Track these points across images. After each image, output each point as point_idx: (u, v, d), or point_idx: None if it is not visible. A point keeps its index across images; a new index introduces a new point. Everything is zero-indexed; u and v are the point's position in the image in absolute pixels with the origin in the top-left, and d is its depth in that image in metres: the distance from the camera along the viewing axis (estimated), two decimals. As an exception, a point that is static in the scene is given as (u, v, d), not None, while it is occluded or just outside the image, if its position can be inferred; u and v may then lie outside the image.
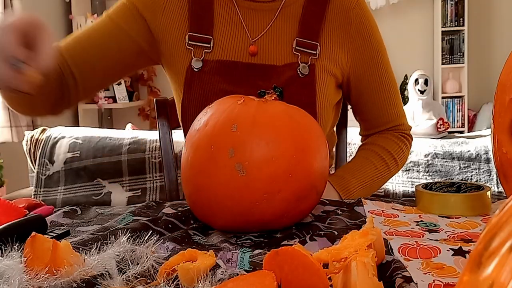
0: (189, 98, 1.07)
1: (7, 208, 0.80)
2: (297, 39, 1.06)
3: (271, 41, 1.07)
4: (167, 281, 0.54)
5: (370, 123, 1.19)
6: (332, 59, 1.08)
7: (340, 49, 1.09)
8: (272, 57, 1.06)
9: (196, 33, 1.07)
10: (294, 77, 1.04)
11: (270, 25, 1.07)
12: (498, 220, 0.28)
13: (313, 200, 0.76)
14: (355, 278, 0.48)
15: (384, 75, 1.14)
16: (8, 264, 0.54)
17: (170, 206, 0.90)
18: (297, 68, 1.04)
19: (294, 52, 1.05)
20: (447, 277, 0.54)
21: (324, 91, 1.07)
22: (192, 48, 1.07)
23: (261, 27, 1.08)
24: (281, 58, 1.05)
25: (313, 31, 1.07)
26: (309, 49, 1.06)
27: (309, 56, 1.06)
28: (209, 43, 1.06)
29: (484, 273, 0.26)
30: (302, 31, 1.06)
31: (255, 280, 0.47)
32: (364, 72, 1.12)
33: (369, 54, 1.12)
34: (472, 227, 0.74)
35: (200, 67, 1.05)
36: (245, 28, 1.07)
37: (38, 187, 1.46)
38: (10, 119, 3.38)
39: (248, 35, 1.07)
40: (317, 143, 0.76)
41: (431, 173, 1.74)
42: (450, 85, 5.36)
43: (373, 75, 1.13)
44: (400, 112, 1.19)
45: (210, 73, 1.05)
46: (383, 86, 1.14)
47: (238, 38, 1.07)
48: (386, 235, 0.68)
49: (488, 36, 5.48)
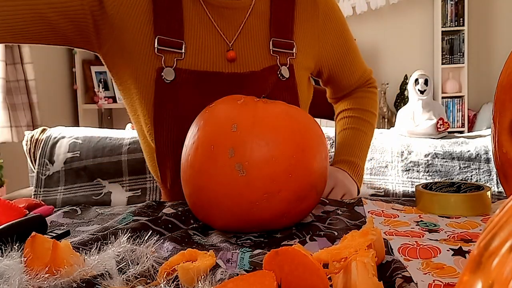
0: (161, 115, 0.95)
1: (7, 208, 0.80)
2: (273, 40, 1.00)
3: (247, 43, 1.00)
4: (167, 281, 0.54)
5: (339, 88, 1.21)
6: (307, 52, 1.06)
7: (312, 39, 1.07)
8: (250, 61, 0.99)
9: (166, 36, 0.93)
10: (276, 82, 0.99)
11: (242, 25, 1.00)
12: (498, 220, 0.28)
13: (313, 200, 0.76)
14: (355, 278, 0.48)
15: (347, 42, 1.15)
16: (8, 264, 0.54)
17: (170, 206, 0.90)
18: (278, 72, 1.00)
19: (272, 54, 1.00)
20: (447, 277, 0.54)
21: (303, 89, 1.06)
22: (162, 55, 0.93)
23: (234, 28, 1.00)
24: (260, 62, 0.99)
25: (286, 29, 1.02)
26: (286, 49, 1.01)
27: (287, 56, 1.01)
28: (181, 48, 0.94)
29: (485, 273, 0.26)
30: (276, 30, 1.01)
31: (255, 280, 0.47)
32: (333, 48, 1.12)
33: (334, 30, 1.12)
34: (472, 227, 0.74)
35: (172, 79, 0.93)
36: (219, 30, 0.98)
37: (38, 187, 1.46)
38: (10, 119, 3.38)
39: (224, 39, 0.98)
40: (317, 143, 0.76)
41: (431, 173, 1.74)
42: (450, 85, 5.36)
43: (340, 47, 1.13)
44: (363, 68, 1.22)
45: (184, 86, 0.94)
46: (349, 52, 1.16)
47: (213, 43, 0.97)
48: (386, 235, 0.68)
49: (488, 36, 5.48)
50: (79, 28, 0.93)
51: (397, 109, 5.30)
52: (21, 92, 3.50)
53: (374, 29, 5.45)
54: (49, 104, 4.11)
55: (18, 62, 3.51)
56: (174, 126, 0.95)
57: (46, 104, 3.99)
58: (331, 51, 1.12)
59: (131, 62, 0.95)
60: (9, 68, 3.44)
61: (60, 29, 0.92)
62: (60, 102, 4.40)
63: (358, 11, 5.16)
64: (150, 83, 0.94)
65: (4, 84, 3.32)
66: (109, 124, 5.04)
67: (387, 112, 5.36)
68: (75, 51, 4.45)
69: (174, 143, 0.96)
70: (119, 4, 0.93)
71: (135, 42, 0.94)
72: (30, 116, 3.54)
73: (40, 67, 3.86)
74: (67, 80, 4.52)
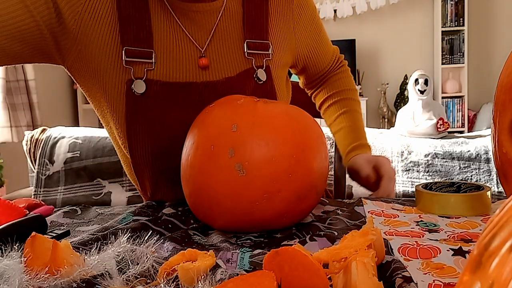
0: (134, 130, 0.90)
1: (7, 208, 0.80)
2: (247, 41, 0.95)
3: (220, 48, 0.94)
4: (167, 281, 0.54)
5: (314, 72, 1.20)
6: (284, 49, 1.03)
7: (288, 33, 1.04)
8: (225, 67, 0.94)
9: (134, 46, 0.88)
10: (253, 87, 0.95)
11: (214, 29, 0.94)
12: (498, 220, 0.28)
13: (313, 200, 0.76)
14: (355, 278, 0.48)
15: (318, 25, 1.13)
16: (8, 264, 0.54)
17: (170, 206, 0.90)
18: (254, 75, 0.95)
19: (247, 56, 0.95)
20: (447, 277, 0.54)
21: (282, 89, 1.03)
22: (131, 67, 0.88)
23: (205, 32, 0.94)
24: (234, 66, 0.95)
25: (261, 29, 0.97)
26: (261, 50, 0.97)
27: (263, 58, 0.97)
28: (151, 58, 0.89)
29: (485, 273, 0.26)
30: (250, 30, 0.96)
31: (255, 280, 0.47)
32: (307, 35, 1.10)
33: (307, 17, 1.09)
34: (472, 227, 0.74)
35: (143, 92, 0.88)
36: (189, 36, 0.93)
37: (38, 187, 1.46)
38: (10, 119, 3.39)
39: (196, 45, 0.93)
40: (317, 143, 0.76)
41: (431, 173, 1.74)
42: (450, 85, 5.36)
43: (313, 33, 1.12)
44: (332, 47, 1.21)
45: (156, 99, 0.89)
46: (320, 35, 1.14)
47: (184, 50, 0.92)
48: (386, 235, 0.68)
49: (488, 36, 5.48)
50: (37, 48, 0.89)
51: (397, 109, 5.30)
52: (21, 92, 3.50)
53: (374, 29, 5.45)
54: (49, 104, 4.11)
55: (18, 62, 3.50)
56: (148, 139, 0.91)
57: (46, 104, 3.99)
58: (305, 39, 1.10)
59: (98, 76, 0.91)
60: (9, 68, 3.43)
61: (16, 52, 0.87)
62: (60, 102, 4.40)
63: (358, 11, 5.17)
64: (120, 96, 0.90)
65: (4, 84, 3.32)
66: (109, 124, 5.03)
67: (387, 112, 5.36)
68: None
69: (150, 155, 0.93)
70: (80, 17, 0.88)
71: (102, 55, 0.89)
72: (30, 116, 3.54)
73: (40, 67, 3.86)
74: (67, 80, 4.52)
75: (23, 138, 1.66)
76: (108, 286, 0.53)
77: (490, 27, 5.47)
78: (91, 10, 0.88)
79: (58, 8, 0.86)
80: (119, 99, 0.90)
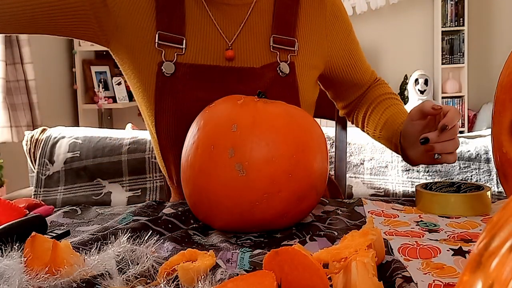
0: (162, 109, 0.97)
1: (7, 208, 0.80)
2: (273, 36, 0.99)
3: (247, 41, 0.99)
4: (167, 281, 0.54)
5: (350, 93, 1.18)
6: (313, 51, 1.05)
7: (318, 37, 1.06)
8: (250, 59, 0.99)
9: (167, 31, 0.96)
10: (275, 78, 0.98)
11: (244, 22, 0.99)
12: (498, 220, 0.28)
13: (313, 200, 0.76)
14: (355, 278, 0.48)
15: (355, 42, 1.14)
16: (8, 264, 0.54)
17: (170, 206, 0.90)
18: (277, 68, 0.98)
19: (272, 50, 0.99)
20: (447, 277, 0.54)
21: (306, 88, 1.03)
22: (163, 50, 0.95)
23: (235, 25, 0.99)
24: (259, 59, 0.99)
25: (289, 26, 1.01)
26: (287, 46, 1.00)
27: (287, 53, 1.00)
28: (182, 44, 0.96)
29: (485, 273, 0.26)
30: (277, 26, 1.00)
31: (255, 280, 0.47)
32: (342, 48, 1.10)
33: (342, 30, 1.10)
34: (472, 227, 0.74)
35: (172, 73, 0.95)
36: (218, 28, 0.98)
37: (38, 187, 1.46)
38: (10, 119, 3.39)
39: (224, 37, 0.98)
40: (317, 143, 0.76)
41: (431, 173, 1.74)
42: (450, 85, 5.36)
43: (349, 47, 1.12)
44: (370, 70, 1.19)
45: (183, 79, 0.95)
46: (357, 52, 1.14)
47: (213, 40, 0.98)
48: (386, 235, 0.69)
49: (488, 36, 5.49)
50: (82, 26, 0.96)
51: (397, 109, 5.29)
52: (21, 92, 3.50)
53: (374, 29, 5.45)
54: (49, 104, 4.11)
55: (18, 62, 3.51)
56: (173, 119, 0.96)
57: (46, 104, 3.99)
58: (340, 51, 1.11)
59: (133, 57, 0.98)
60: (9, 68, 3.44)
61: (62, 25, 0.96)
62: (60, 102, 4.40)
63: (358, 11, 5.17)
64: (151, 76, 0.96)
65: (4, 84, 3.32)
66: (109, 124, 5.04)
67: (387, 112, 5.36)
68: (75, 51, 4.46)
69: (175, 137, 0.97)
70: (120, 2, 0.96)
71: (137, 38, 0.97)
72: (30, 116, 3.54)
73: (40, 67, 3.86)
74: (67, 80, 4.52)
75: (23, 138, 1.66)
76: (108, 286, 0.53)
77: (490, 27, 5.47)
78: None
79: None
80: (150, 79, 0.97)
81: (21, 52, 3.50)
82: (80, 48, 4.47)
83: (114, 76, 4.64)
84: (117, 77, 4.63)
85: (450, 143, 0.87)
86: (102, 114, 4.88)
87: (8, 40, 3.43)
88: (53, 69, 4.29)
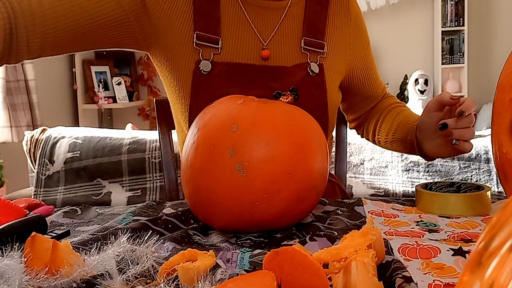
0: (196, 104, 1.01)
1: (7, 208, 0.80)
2: (304, 38, 1.05)
3: (281, 41, 1.05)
4: (167, 281, 0.54)
5: (361, 105, 1.23)
6: (338, 56, 1.10)
7: (343, 45, 1.11)
8: (283, 58, 1.04)
9: (204, 32, 1.01)
10: (306, 77, 1.04)
11: (279, 24, 1.06)
12: (498, 220, 0.28)
13: (313, 200, 0.76)
14: (355, 278, 0.48)
15: (371, 55, 1.20)
16: (8, 264, 0.55)
17: (171, 206, 0.90)
18: (308, 68, 1.04)
19: (303, 51, 1.05)
20: (447, 277, 0.54)
21: (333, 91, 1.08)
22: (200, 49, 1.01)
23: (270, 27, 1.05)
24: (291, 59, 1.04)
25: (318, 30, 1.07)
26: (317, 48, 1.06)
27: (317, 55, 1.06)
28: (218, 43, 1.02)
29: (484, 273, 0.26)
30: (308, 30, 1.06)
31: (255, 280, 0.47)
32: (361, 59, 1.16)
33: (362, 41, 1.17)
34: (472, 227, 0.74)
35: (209, 70, 1.00)
36: (254, 29, 1.04)
37: (38, 187, 1.46)
38: (10, 119, 3.39)
39: (260, 38, 1.04)
40: (317, 143, 0.76)
41: (431, 173, 1.74)
42: (450, 85, 5.36)
43: (367, 59, 1.18)
44: (383, 86, 1.25)
45: (219, 77, 1.01)
46: (373, 65, 1.20)
47: (249, 41, 1.04)
48: (386, 235, 0.69)
49: (488, 36, 5.49)
50: (127, 35, 1.02)
51: (397, 109, 5.30)
52: (21, 92, 3.51)
53: (374, 29, 5.44)
54: (49, 104, 4.11)
55: (18, 62, 3.51)
56: None
57: (46, 104, 3.99)
58: (359, 61, 1.16)
59: (172, 57, 1.04)
60: (9, 68, 3.44)
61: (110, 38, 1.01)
62: (60, 102, 4.40)
63: (358, 11, 5.16)
64: (188, 74, 1.02)
65: (4, 84, 3.33)
66: (109, 124, 5.04)
67: (387, 112, 5.37)
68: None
69: None
70: (161, 8, 1.01)
71: (176, 38, 1.02)
72: (30, 116, 3.54)
73: (40, 67, 3.86)
74: (67, 80, 4.52)
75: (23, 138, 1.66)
76: (108, 286, 0.53)
77: (490, 27, 5.47)
78: (170, 2, 1.02)
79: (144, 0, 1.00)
80: (187, 77, 1.02)
81: (21, 52, 3.50)
82: (80, 49, 4.47)
83: (114, 76, 4.65)
84: (117, 77, 4.63)
85: (467, 130, 0.91)
86: (102, 114, 4.88)
87: (8, 40, 3.43)
88: (53, 69, 4.29)
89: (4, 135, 3.35)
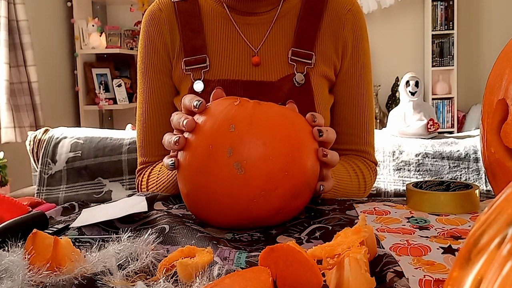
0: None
1: (11, 205, 0.80)
2: (292, 49, 1.05)
3: (270, 49, 1.05)
4: (166, 276, 0.55)
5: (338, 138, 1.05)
6: (326, 61, 1.07)
7: (332, 51, 1.08)
8: (271, 69, 1.04)
9: (190, 56, 1.05)
10: (292, 89, 1.03)
11: (266, 36, 1.06)
12: (487, 218, 0.29)
13: (306, 197, 0.78)
14: (348, 274, 0.48)
15: (363, 93, 1.10)
16: (12, 260, 0.55)
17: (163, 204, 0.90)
18: (293, 79, 1.03)
19: (290, 62, 1.05)
20: (438, 273, 0.55)
21: (321, 95, 1.06)
22: (191, 72, 1.05)
23: (260, 33, 1.06)
24: (279, 70, 1.04)
25: (308, 41, 1.06)
26: (304, 59, 1.05)
27: (304, 65, 1.05)
28: (205, 62, 1.05)
29: (473, 269, 0.27)
30: (298, 41, 1.05)
31: (251, 276, 0.48)
32: (346, 79, 1.10)
33: (354, 63, 1.10)
34: (461, 223, 0.75)
35: (202, 89, 1.03)
36: (244, 38, 1.06)
37: (41, 186, 1.47)
38: (13, 120, 3.39)
39: (250, 46, 1.05)
40: (310, 142, 0.77)
41: (421, 172, 1.75)
42: (440, 87, 5.39)
43: (353, 88, 1.10)
44: (371, 141, 1.12)
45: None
46: (359, 103, 1.10)
47: (238, 50, 1.05)
48: (378, 232, 0.70)
49: (477, 39, 5.52)
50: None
51: (388, 110, 5.32)
52: (25, 93, 3.51)
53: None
54: (52, 105, 4.11)
55: (22, 64, 3.51)
56: None
57: (49, 105, 3.99)
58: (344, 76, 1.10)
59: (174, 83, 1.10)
60: (13, 71, 3.44)
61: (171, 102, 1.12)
62: (62, 104, 4.39)
63: (351, 13, 5.17)
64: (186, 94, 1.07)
65: (8, 86, 3.32)
66: (110, 125, 5.04)
67: (379, 113, 5.38)
68: (76, 54, 4.45)
69: None
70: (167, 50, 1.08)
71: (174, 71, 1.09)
72: (33, 117, 3.54)
73: (43, 70, 3.86)
74: (69, 82, 4.51)
75: (26, 138, 1.67)
76: (108, 282, 0.54)
77: (479, 31, 5.50)
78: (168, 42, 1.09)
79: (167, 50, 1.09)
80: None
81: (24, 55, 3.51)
82: (81, 51, 4.47)
83: (115, 78, 4.64)
84: (117, 79, 4.63)
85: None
86: (102, 115, 4.88)
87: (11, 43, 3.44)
88: (55, 71, 4.28)
89: (8, 136, 3.35)
